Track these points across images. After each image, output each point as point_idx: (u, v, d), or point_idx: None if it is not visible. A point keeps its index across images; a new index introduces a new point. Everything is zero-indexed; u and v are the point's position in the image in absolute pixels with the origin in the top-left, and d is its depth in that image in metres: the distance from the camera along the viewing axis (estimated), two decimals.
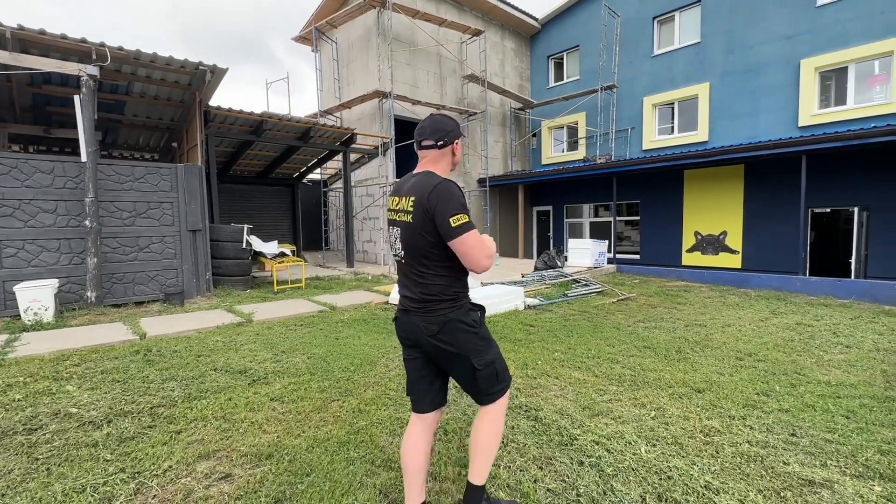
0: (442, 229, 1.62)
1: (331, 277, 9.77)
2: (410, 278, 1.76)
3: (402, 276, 1.81)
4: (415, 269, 1.73)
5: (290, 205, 13.26)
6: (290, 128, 9.52)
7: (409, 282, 1.77)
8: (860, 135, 7.22)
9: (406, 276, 1.78)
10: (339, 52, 12.87)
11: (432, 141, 1.76)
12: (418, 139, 1.78)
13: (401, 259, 1.78)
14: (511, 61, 14.89)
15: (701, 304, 7.26)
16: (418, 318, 1.73)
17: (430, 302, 1.71)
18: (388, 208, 1.83)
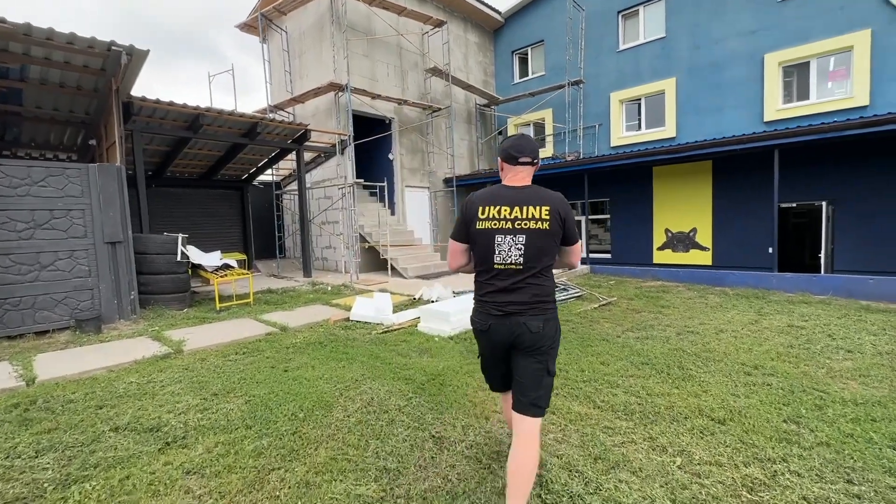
0: (569, 234, 1.96)
1: (285, 290, 8.78)
2: (524, 282, 1.91)
3: (508, 283, 1.92)
4: (533, 273, 1.91)
5: (240, 209, 12.07)
6: (233, 123, 8.47)
7: (519, 286, 1.91)
8: (835, 127, 7.10)
9: (515, 282, 1.91)
10: (289, 41, 11.82)
11: (529, 158, 1.98)
12: (516, 155, 1.97)
13: (515, 266, 1.90)
14: (475, 56, 14.33)
15: (684, 306, 6.90)
16: (525, 318, 1.90)
17: (543, 302, 1.93)
18: (480, 217, 1.93)
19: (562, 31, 13.00)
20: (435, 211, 12.90)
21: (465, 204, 2.02)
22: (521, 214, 1.88)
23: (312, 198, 11.86)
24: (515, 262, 1.88)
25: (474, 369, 4.01)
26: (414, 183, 12.31)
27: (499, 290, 1.93)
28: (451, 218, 13.25)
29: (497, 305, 1.94)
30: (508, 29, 14.72)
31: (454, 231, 2.07)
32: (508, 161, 1.99)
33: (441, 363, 4.25)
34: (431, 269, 10.38)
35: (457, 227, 2.05)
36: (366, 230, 10.60)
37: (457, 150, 13.55)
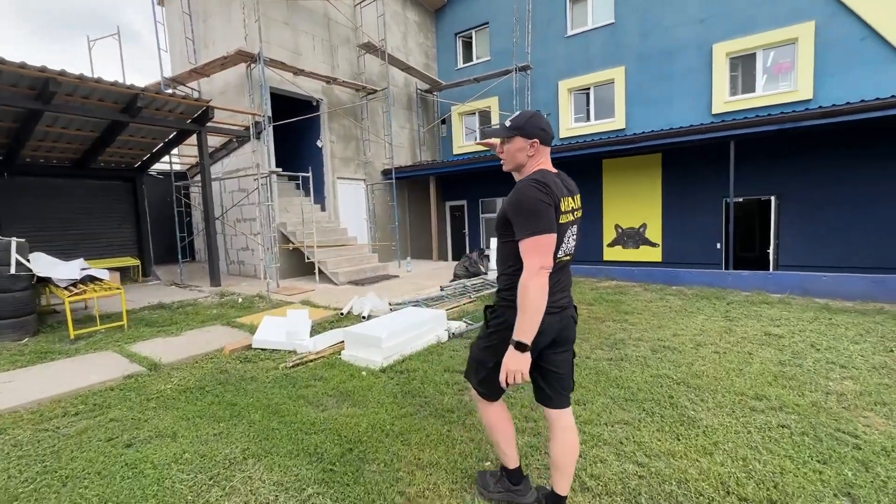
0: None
1: (182, 304, 7.11)
2: (568, 272, 1.92)
3: (559, 277, 1.82)
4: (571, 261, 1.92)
5: (132, 204, 9.98)
6: (104, 94, 6.63)
7: (566, 278, 1.91)
8: (794, 117, 6.77)
9: (564, 276, 1.88)
10: (191, 2, 9.87)
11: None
12: (548, 138, 1.86)
13: (569, 257, 1.87)
14: (415, 36, 13.08)
15: (648, 311, 6.22)
16: (570, 310, 1.90)
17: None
18: (563, 210, 1.77)
19: (508, 14, 12.12)
20: (372, 206, 11.56)
21: (546, 192, 1.71)
22: (576, 205, 1.86)
23: (225, 190, 10.07)
24: (570, 252, 1.87)
25: (410, 428, 2.88)
26: (347, 174, 10.89)
27: (555, 284, 1.77)
28: (389, 213, 11.96)
29: (552, 303, 1.74)
30: (451, 9, 13.61)
31: (544, 222, 1.68)
32: (546, 142, 1.85)
33: (366, 418, 3.07)
34: (367, 272, 9.08)
35: (549, 218, 1.69)
36: (288, 228, 9.06)
37: (396, 138, 12.27)
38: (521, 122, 1.81)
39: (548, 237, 1.67)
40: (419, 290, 7.66)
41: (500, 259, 1.93)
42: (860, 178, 7.79)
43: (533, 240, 1.66)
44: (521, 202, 1.70)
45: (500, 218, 1.84)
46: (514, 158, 1.86)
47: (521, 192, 1.72)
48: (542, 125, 1.81)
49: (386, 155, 11.76)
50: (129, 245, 9.91)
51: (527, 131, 1.80)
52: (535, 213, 1.66)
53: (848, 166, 7.88)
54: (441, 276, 9.50)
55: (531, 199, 1.68)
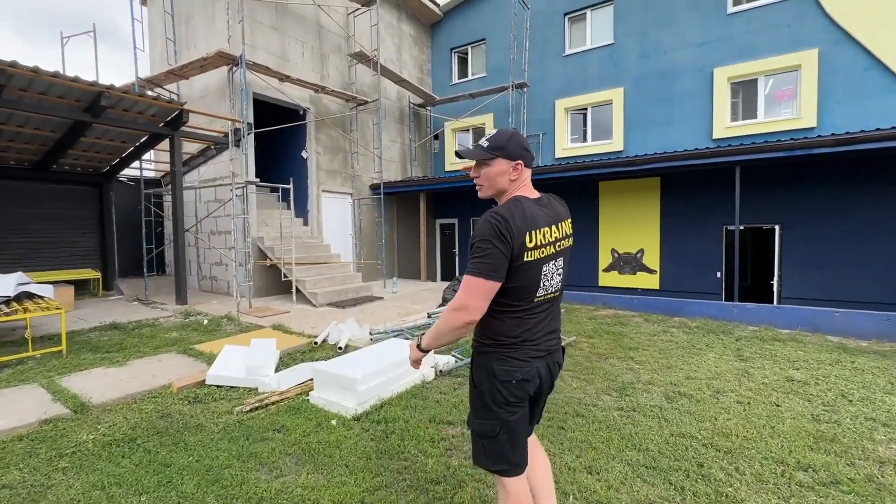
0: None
1: (138, 325, 6.39)
2: (556, 311, 1.69)
3: (547, 314, 1.62)
4: (560, 298, 1.71)
5: (97, 212, 9.25)
6: (64, 90, 6.02)
7: (555, 315, 1.67)
8: (806, 144, 6.45)
9: (552, 313, 1.65)
10: (174, 2, 9.37)
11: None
12: (531, 160, 1.64)
13: (554, 293, 1.63)
14: (409, 49, 12.76)
15: (653, 347, 5.71)
16: (558, 355, 1.69)
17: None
18: (535, 245, 1.50)
19: (505, 30, 11.88)
20: (359, 221, 10.99)
21: (503, 229, 1.43)
22: (560, 233, 1.60)
23: (200, 200, 9.42)
24: (555, 289, 1.62)
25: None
26: (333, 188, 10.33)
27: (537, 324, 1.57)
28: (377, 230, 11.39)
29: (536, 344, 1.57)
30: (448, 24, 13.37)
31: (486, 267, 1.43)
32: (529, 164, 1.61)
33: (328, 491, 2.44)
34: (349, 293, 8.44)
35: (493, 263, 1.43)
36: (266, 243, 8.42)
37: (387, 152, 11.80)
38: (501, 141, 1.57)
39: (483, 283, 1.45)
40: (404, 314, 7.05)
41: None
42: (869, 209, 7.49)
43: (470, 279, 1.47)
44: (474, 235, 1.50)
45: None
46: (494, 184, 1.61)
47: (479, 225, 1.51)
48: (524, 145, 1.60)
49: (375, 169, 11.26)
50: (92, 256, 9.14)
51: (509, 152, 1.56)
52: (481, 252, 1.45)
53: (856, 197, 7.59)
54: (428, 299, 8.90)
55: (482, 236, 1.47)
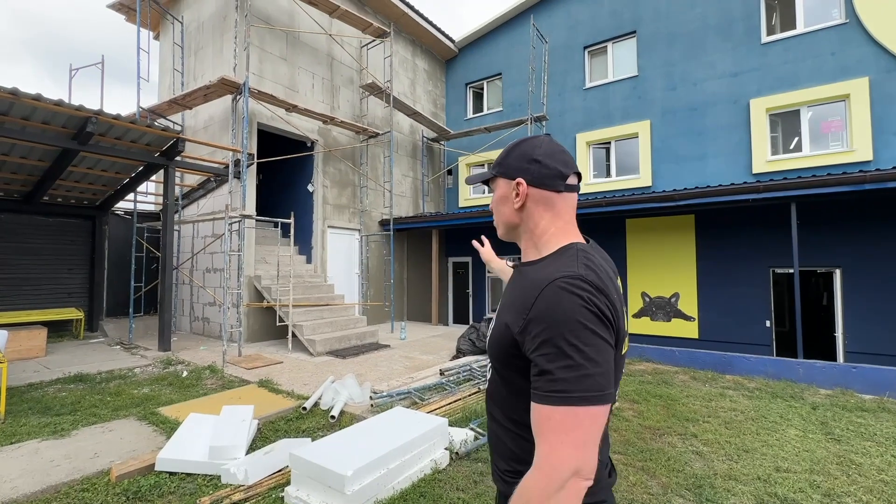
0: None
1: (109, 376, 5.57)
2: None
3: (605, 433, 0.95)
4: None
5: (89, 247, 8.68)
6: (48, 115, 5.53)
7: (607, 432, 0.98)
8: (879, 177, 5.59)
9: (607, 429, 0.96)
10: (184, 35, 9.19)
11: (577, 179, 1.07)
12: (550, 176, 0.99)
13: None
14: (423, 84, 12.48)
15: (714, 417, 4.68)
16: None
17: None
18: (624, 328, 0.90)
19: (522, 65, 11.55)
20: (366, 259, 10.25)
21: (603, 306, 0.81)
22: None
23: (198, 235, 8.81)
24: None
25: None
26: (340, 223, 9.68)
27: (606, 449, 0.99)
28: (385, 268, 10.61)
29: (608, 481, 0.98)
30: (463, 59, 13.15)
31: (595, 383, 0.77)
32: (545, 183, 0.98)
33: None
34: (352, 339, 7.55)
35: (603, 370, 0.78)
36: (263, 283, 7.67)
37: (398, 187, 11.23)
38: (502, 155, 1.04)
39: (597, 413, 0.77)
40: (413, 368, 6.12)
41: (502, 403, 0.99)
42: None
43: (571, 412, 0.75)
44: (557, 323, 0.78)
45: (503, 336, 0.92)
46: (499, 216, 1.07)
47: (556, 303, 0.80)
48: (534, 154, 0.99)
49: (385, 204, 10.65)
50: (78, 294, 8.48)
51: (507, 166, 1.02)
52: (582, 356, 0.76)
53: None
54: (440, 347, 7.96)
55: (575, 322, 0.78)
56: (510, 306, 0.92)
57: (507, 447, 0.97)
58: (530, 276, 0.91)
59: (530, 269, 0.96)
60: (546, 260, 0.96)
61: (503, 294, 1.07)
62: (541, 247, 1.00)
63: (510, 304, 0.93)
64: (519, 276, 1.01)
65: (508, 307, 0.93)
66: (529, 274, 0.94)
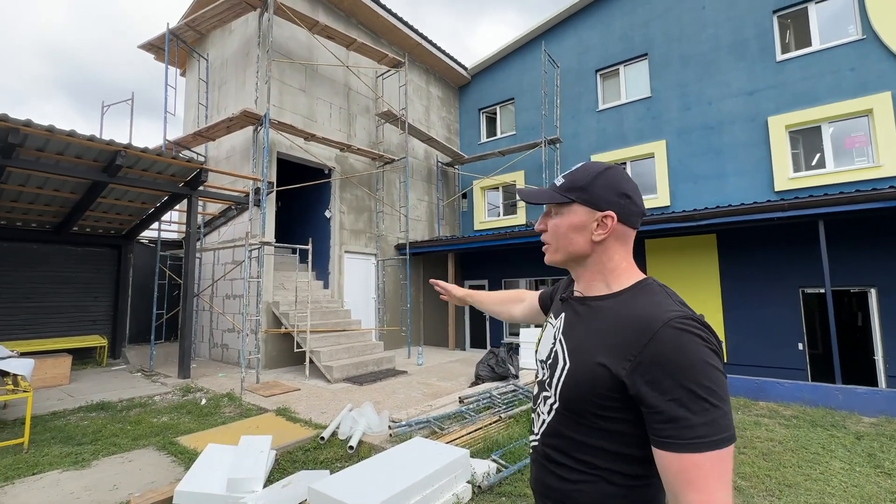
0: None
1: (129, 404, 5.60)
2: None
3: None
4: None
5: (114, 275, 8.90)
6: (81, 150, 5.78)
7: None
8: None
9: None
10: (209, 71, 9.62)
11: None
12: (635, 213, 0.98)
13: None
14: (437, 111, 12.73)
15: (749, 446, 4.44)
16: None
17: None
18: None
19: (534, 89, 11.71)
20: (382, 284, 10.25)
21: (716, 345, 0.81)
22: None
23: (219, 262, 8.98)
24: None
25: None
26: (357, 248, 9.76)
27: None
28: (401, 293, 10.59)
29: None
30: (475, 86, 13.42)
31: (729, 424, 0.78)
32: (631, 220, 0.97)
33: None
34: (369, 365, 7.48)
35: (730, 405, 0.79)
36: (281, 309, 7.71)
37: (414, 212, 11.32)
38: (582, 178, 0.96)
39: (732, 454, 0.77)
40: (431, 396, 6.00)
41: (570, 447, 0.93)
42: None
43: (718, 456, 0.75)
44: (685, 368, 0.76)
45: (597, 378, 0.85)
46: (565, 243, 0.98)
47: (679, 346, 0.77)
48: (624, 189, 0.95)
49: (400, 228, 10.72)
50: (103, 321, 8.66)
51: (593, 196, 0.94)
52: (716, 398, 0.76)
53: None
54: (458, 372, 7.82)
55: (704, 364, 0.77)
56: (599, 344, 0.88)
57: (581, 493, 0.90)
58: (620, 312, 0.88)
59: (608, 303, 0.93)
60: (625, 295, 0.92)
61: (565, 328, 0.99)
62: (611, 281, 0.96)
63: (599, 342, 0.88)
64: (588, 310, 0.97)
65: (597, 345, 0.88)
66: (614, 309, 0.90)
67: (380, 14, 10.08)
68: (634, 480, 0.85)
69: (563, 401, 0.92)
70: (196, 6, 9.28)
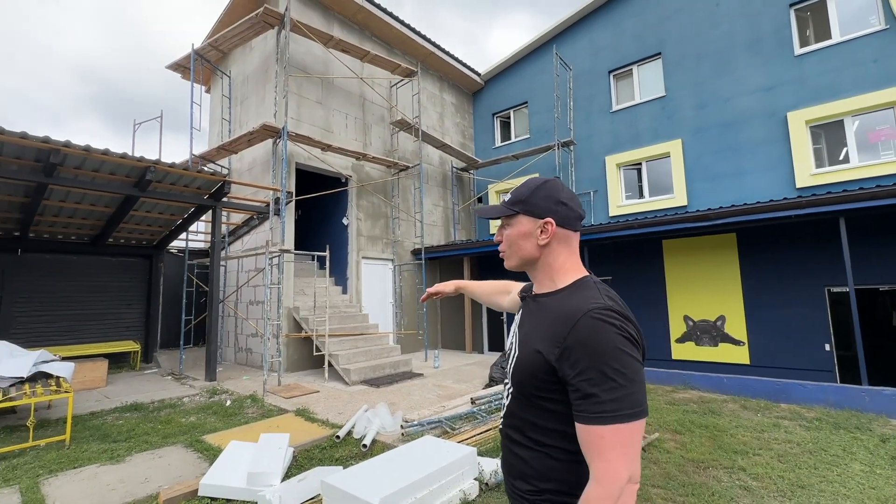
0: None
1: (160, 405, 5.92)
2: None
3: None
4: None
5: (146, 284, 9.39)
6: (114, 167, 6.19)
7: None
8: None
9: None
10: (231, 87, 10.08)
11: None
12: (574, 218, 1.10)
13: None
14: (451, 117, 12.91)
15: (767, 449, 4.36)
16: None
17: None
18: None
19: (546, 92, 11.75)
20: (399, 288, 10.45)
21: (633, 333, 0.93)
22: None
23: (242, 269, 9.35)
24: None
25: None
26: (374, 254, 9.99)
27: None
28: (417, 297, 10.77)
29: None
30: (488, 91, 13.55)
31: (638, 399, 0.89)
32: (570, 224, 1.10)
33: None
34: (386, 368, 7.66)
35: (642, 387, 0.91)
36: (301, 314, 7.99)
37: (429, 217, 11.50)
38: (524, 192, 1.12)
39: (641, 423, 0.88)
40: (445, 397, 6.12)
41: (524, 426, 1.05)
42: None
43: (620, 429, 0.86)
44: (598, 352, 0.88)
45: (535, 363, 0.98)
46: (517, 250, 1.12)
47: (594, 332, 0.90)
48: (559, 197, 1.09)
49: (416, 233, 10.91)
50: (136, 327, 9.13)
51: (533, 206, 1.09)
52: (624, 378, 0.87)
53: None
54: (474, 375, 7.91)
55: (614, 349, 0.88)
56: (539, 335, 1.01)
57: (530, 467, 1.03)
58: (556, 307, 1.01)
59: (551, 299, 1.06)
60: (565, 291, 1.05)
61: (521, 322, 1.13)
62: (557, 279, 1.09)
63: (538, 333, 1.01)
64: (536, 305, 1.10)
65: (537, 336, 1.01)
66: (553, 304, 1.03)
67: (393, 25, 10.35)
68: (574, 456, 0.96)
69: (514, 385, 1.05)
70: (219, 26, 9.76)
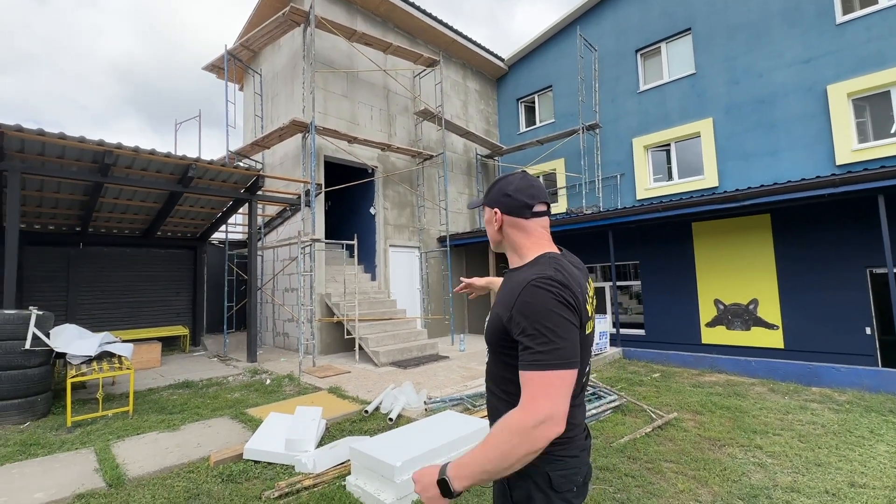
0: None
1: (208, 383, 6.48)
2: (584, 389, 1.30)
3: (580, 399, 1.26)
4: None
5: (191, 273, 10.09)
6: (160, 165, 6.71)
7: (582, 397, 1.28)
8: None
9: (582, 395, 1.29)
10: (262, 84, 10.53)
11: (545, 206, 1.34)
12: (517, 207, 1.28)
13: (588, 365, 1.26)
14: (475, 104, 12.94)
15: (788, 430, 4.36)
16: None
17: None
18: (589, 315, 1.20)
19: (571, 75, 11.58)
20: (426, 275, 10.74)
21: (567, 296, 1.09)
22: (591, 292, 1.30)
23: (277, 258, 9.89)
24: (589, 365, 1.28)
25: None
26: (400, 242, 10.30)
27: (581, 406, 1.26)
28: (444, 283, 11.03)
29: (582, 431, 1.24)
30: (513, 76, 13.45)
31: (565, 352, 1.05)
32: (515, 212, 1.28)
33: None
34: (414, 351, 7.99)
35: (571, 342, 1.07)
36: (333, 300, 8.41)
37: (454, 204, 11.68)
38: (488, 188, 1.37)
39: (567, 375, 1.05)
40: (468, 378, 6.37)
41: (497, 378, 1.27)
42: None
43: (547, 375, 1.04)
44: (534, 312, 1.08)
45: (496, 325, 1.20)
46: (490, 233, 1.38)
47: (526, 298, 1.11)
48: (506, 189, 1.29)
49: (441, 221, 11.12)
50: (184, 313, 9.87)
51: (489, 198, 1.35)
52: (550, 332, 1.05)
53: None
54: None
55: (543, 310, 1.08)
56: (501, 301, 1.21)
57: (501, 414, 1.23)
58: (515, 279, 1.21)
59: (515, 273, 1.26)
60: (525, 266, 1.25)
61: (497, 293, 1.34)
62: (522, 257, 1.29)
63: (501, 300, 1.22)
64: (507, 279, 1.31)
65: (499, 302, 1.22)
66: (514, 277, 1.23)
67: (414, 15, 10.45)
68: None
69: (487, 344, 1.26)
70: (248, 27, 10.18)
